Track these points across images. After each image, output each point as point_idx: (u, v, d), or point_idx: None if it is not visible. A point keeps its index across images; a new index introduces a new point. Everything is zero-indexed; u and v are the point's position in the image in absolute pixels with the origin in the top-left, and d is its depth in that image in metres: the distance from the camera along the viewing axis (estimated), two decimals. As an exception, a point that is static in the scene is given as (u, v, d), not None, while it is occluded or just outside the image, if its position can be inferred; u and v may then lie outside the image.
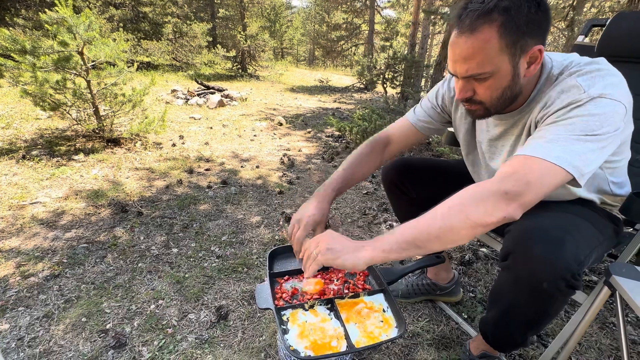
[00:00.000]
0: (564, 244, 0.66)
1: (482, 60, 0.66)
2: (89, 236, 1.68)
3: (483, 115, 0.78)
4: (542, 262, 0.66)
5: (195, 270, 1.48)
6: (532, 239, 0.68)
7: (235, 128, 4.04)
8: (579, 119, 0.62)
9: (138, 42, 8.39)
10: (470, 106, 0.77)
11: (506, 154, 0.85)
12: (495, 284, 0.87)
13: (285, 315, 0.84)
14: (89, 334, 1.13)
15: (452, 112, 0.97)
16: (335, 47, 14.36)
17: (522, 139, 0.80)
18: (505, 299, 0.80)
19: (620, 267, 0.59)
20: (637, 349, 1.20)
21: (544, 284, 0.67)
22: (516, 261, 0.71)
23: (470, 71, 0.68)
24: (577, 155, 0.60)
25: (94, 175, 2.38)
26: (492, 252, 1.73)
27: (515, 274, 0.72)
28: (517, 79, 0.69)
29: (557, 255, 0.65)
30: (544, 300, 0.72)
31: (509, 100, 0.73)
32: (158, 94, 5.57)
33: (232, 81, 8.71)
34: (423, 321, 1.25)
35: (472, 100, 0.75)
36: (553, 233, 0.68)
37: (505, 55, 0.65)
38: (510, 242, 0.73)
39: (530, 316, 0.78)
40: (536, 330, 0.88)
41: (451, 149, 2.98)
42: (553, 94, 0.69)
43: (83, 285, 1.35)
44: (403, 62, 6.52)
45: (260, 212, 2.04)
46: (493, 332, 0.90)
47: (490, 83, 0.69)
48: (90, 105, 2.76)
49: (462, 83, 0.73)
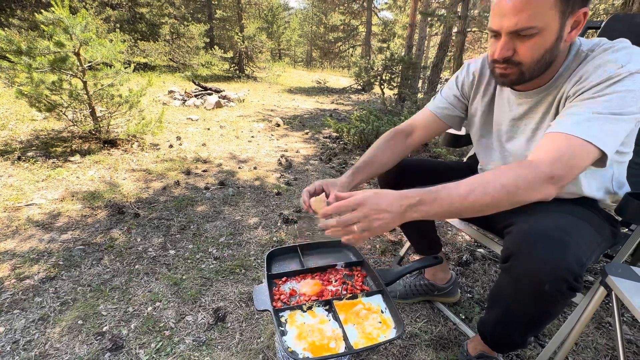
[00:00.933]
0: (566, 246, 0.66)
1: (534, 13, 0.64)
2: (86, 238, 1.67)
3: (515, 81, 0.75)
4: (544, 263, 0.66)
5: (193, 272, 1.48)
6: (534, 241, 0.68)
7: (233, 129, 4.04)
8: (616, 95, 0.63)
9: (135, 43, 8.37)
10: (505, 69, 0.74)
11: (530, 132, 0.83)
12: (495, 285, 0.86)
13: (284, 317, 0.84)
14: (85, 337, 1.12)
15: (471, 97, 0.96)
16: (332, 48, 14.40)
17: (549, 117, 0.78)
18: (506, 300, 0.80)
19: (617, 268, 0.60)
20: (633, 348, 1.21)
21: (546, 285, 0.66)
22: (517, 263, 0.70)
23: (519, 24, 0.65)
24: (612, 135, 0.63)
25: (91, 176, 2.36)
26: (490, 253, 1.74)
27: (517, 275, 0.72)
28: (560, 41, 0.68)
29: (559, 257, 0.65)
30: (545, 302, 0.71)
31: (545, 65, 0.71)
32: (155, 95, 5.56)
33: (230, 82, 8.70)
34: (421, 322, 1.25)
35: (510, 60, 0.71)
36: (554, 234, 0.68)
37: (556, 12, 0.64)
38: (511, 244, 0.72)
39: (531, 318, 0.78)
40: (536, 332, 0.89)
41: (448, 150, 2.99)
42: (589, 69, 0.68)
43: (79, 287, 1.34)
44: (400, 63, 6.55)
45: (258, 213, 2.04)
46: (492, 333, 0.90)
47: (535, 41, 0.67)
48: (86, 106, 2.75)
49: (504, 40, 0.70)
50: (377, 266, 1.59)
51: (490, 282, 1.52)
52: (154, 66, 8.83)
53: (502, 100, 0.89)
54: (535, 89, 0.79)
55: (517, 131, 0.87)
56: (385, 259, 1.64)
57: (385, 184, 1.13)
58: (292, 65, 18.72)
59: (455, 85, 0.98)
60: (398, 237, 1.84)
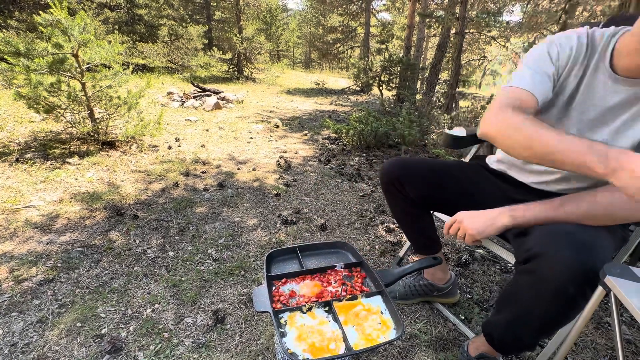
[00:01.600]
0: (593, 249, 0.66)
1: None
2: (84, 240, 1.66)
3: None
4: (572, 265, 0.64)
5: (192, 273, 1.47)
6: (562, 243, 0.67)
7: (232, 130, 4.04)
8: None
9: (133, 44, 8.36)
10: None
11: (621, 123, 0.76)
12: (510, 287, 0.84)
13: (283, 318, 0.84)
14: (84, 339, 1.12)
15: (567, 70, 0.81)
16: (331, 49, 14.42)
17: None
18: (523, 302, 0.78)
19: (615, 268, 0.60)
20: (632, 348, 1.21)
21: (570, 288, 0.65)
22: (542, 265, 0.69)
23: None
24: None
25: (89, 178, 2.35)
26: (489, 254, 1.74)
27: (540, 277, 0.70)
28: None
29: (586, 259, 0.64)
30: (566, 305, 0.70)
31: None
32: (154, 96, 5.55)
33: (228, 83, 8.70)
34: (421, 323, 1.25)
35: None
36: (581, 237, 0.67)
37: None
38: (535, 245, 0.71)
39: (548, 321, 0.76)
40: (548, 335, 0.86)
41: (447, 151, 2.99)
42: None
43: (78, 289, 1.34)
44: (399, 64, 6.57)
45: (257, 214, 2.03)
46: (501, 335, 0.88)
47: None
48: (85, 107, 2.74)
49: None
50: (376, 267, 1.58)
51: (490, 282, 1.52)
52: (152, 67, 8.83)
53: (594, 82, 0.78)
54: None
55: (603, 121, 0.79)
56: (385, 260, 1.64)
57: (387, 183, 1.12)
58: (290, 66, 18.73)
59: (550, 60, 0.81)
60: (397, 238, 1.84)
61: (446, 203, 1.08)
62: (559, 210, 0.76)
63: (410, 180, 1.08)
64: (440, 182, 1.08)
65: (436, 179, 1.08)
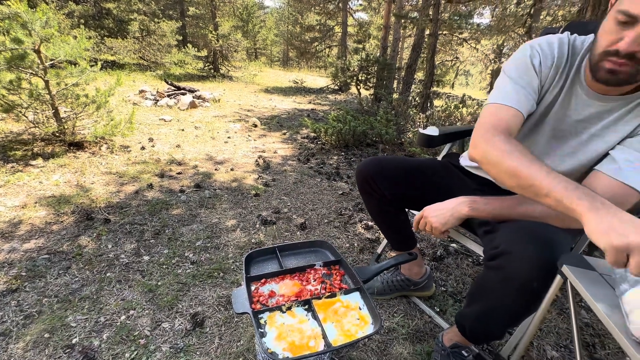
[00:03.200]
0: (554, 244, 0.70)
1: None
2: (51, 246, 1.58)
3: (622, 81, 0.67)
4: (536, 262, 0.69)
5: (169, 277, 1.44)
6: (526, 240, 0.71)
7: (209, 130, 3.95)
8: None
9: (101, 39, 7.98)
10: (620, 66, 0.64)
11: (588, 137, 0.79)
12: (478, 282, 0.89)
13: (263, 319, 0.84)
14: (52, 351, 1.06)
15: (549, 80, 0.80)
16: (309, 48, 14.39)
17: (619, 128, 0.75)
18: (491, 296, 0.82)
19: (571, 258, 0.65)
20: (590, 331, 1.31)
21: (534, 283, 0.70)
22: (509, 262, 0.73)
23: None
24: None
25: (55, 181, 2.23)
26: (462, 247, 1.81)
27: (506, 274, 0.74)
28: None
29: (548, 255, 0.69)
30: (530, 298, 0.74)
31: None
32: (125, 94, 5.33)
33: (204, 82, 8.49)
34: (398, 317, 1.29)
35: (634, 57, 0.61)
36: (543, 234, 0.72)
37: None
38: (502, 242, 0.75)
39: (514, 313, 0.81)
40: (515, 325, 0.92)
41: (422, 150, 3.09)
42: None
43: (45, 299, 1.27)
44: (375, 64, 6.67)
45: (236, 215, 2.01)
46: (472, 327, 0.93)
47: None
48: (49, 106, 2.59)
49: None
50: (356, 264, 1.61)
51: (463, 275, 1.59)
52: (123, 64, 8.45)
53: (571, 95, 0.79)
54: (617, 95, 0.73)
55: (574, 132, 0.81)
56: (364, 257, 1.68)
57: (362, 182, 1.15)
58: (268, 64, 18.53)
59: (533, 70, 0.79)
60: (375, 235, 1.88)
61: (419, 200, 1.12)
62: (516, 209, 0.82)
63: (385, 180, 1.11)
64: (413, 180, 1.12)
65: (409, 178, 1.12)
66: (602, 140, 0.78)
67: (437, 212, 0.91)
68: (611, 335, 1.30)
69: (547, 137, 0.85)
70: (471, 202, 0.87)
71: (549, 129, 0.85)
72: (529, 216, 0.81)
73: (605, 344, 1.25)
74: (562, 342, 1.25)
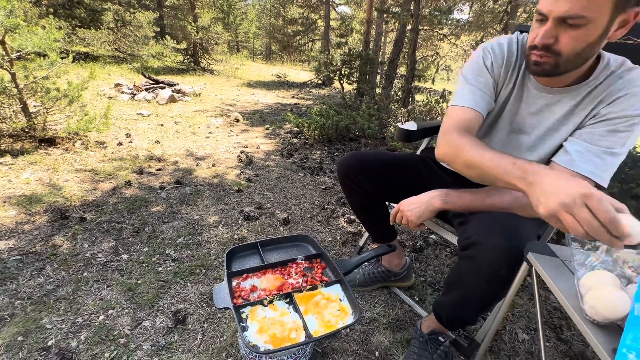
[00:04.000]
0: (518, 233, 0.75)
1: (588, 2, 0.61)
2: (22, 247, 1.52)
3: (548, 72, 0.73)
4: (503, 251, 0.73)
5: (149, 275, 1.42)
6: (495, 230, 0.76)
7: (189, 125, 3.87)
8: (632, 135, 0.71)
9: (73, 30, 7.58)
10: (541, 57, 0.71)
11: (545, 130, 0.84)
12: (454, 272, 0.94)
13: (245, 313, 0.85)
14: (27, 354, 1.03)
15: (502, 78, 0.87)
16: (292, 41, 14.25)
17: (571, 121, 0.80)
18: (464, 285, 0.87)
19: (536, 245, 0.69)
20: (558, 314, 1.39)
21: (502, 270, 0.75)
22: (479, 251, 0.77)
23: (571, 10, 0.62)
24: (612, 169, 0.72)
25: (26, 179, 2.14)
26: (440, 239, 1.87)
27: (478, 263, 0.79)
28: (604, 38, 0.67)
29: (514, 244, 0.73)
30: (500, 285, 0.80)
31: (581, 61, 0.70)
32: (99, 88, 5.11)
33: (184, 75, 8.26)
34: (379, 307, 1.33)
35: (549, 49, 0.69)
36: (510, 223, 0.76)
37: (610, 5, 0.62)
38: (473, 234, 0.80)
39: (486, 299, 0.87)
40: (487, 311, 0.98)
41: (404, 144, 3.14)
42: (626, 93, 0.71)
43: (17, 301, 1.23)
44: (358, 58, 6.68)
45: (218, 211, 1.99)
46: (448, 315, 0.98)
47: (580, 33, 0.65)
48: (16, 101, 2.46)
49: (549, 26, 0.67)
50: (338, 257, 1.64)
51: (442, 265, 1.65)
52: (97, 56, 8.09)
53: (523, 90, 0.85)
54: (560, 87, 0.79)
55: (530, 125, 0.86)
56: (347, 250, 1.71)
57: (344, 176, 1.17)
58: (250, 58, 18.19)
59: (486, 70, 0.86)
60: (357, 228, 1.91)
61: (399, 194, 1.15)
62: (486, 201, 0.86)
63: (365, 174, 1.13)
64: (393, 174, 1.14)
65: (389, 172, 1.15)
66: (558, 134, 0.83)
67: (412, 205, 0.93)
68: (576, 317, 1.39)
69: (507, 131, 0.91)
70: (444, 195, 0.90)
71: (507, 123, 0.91)
72: (497, 207, 0.85)
73: (571, 326, 1.33)
74: (532, 326, 1.32)
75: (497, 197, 0.85)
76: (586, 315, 0.52)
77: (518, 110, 0.88)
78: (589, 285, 0.54)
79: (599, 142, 0.74)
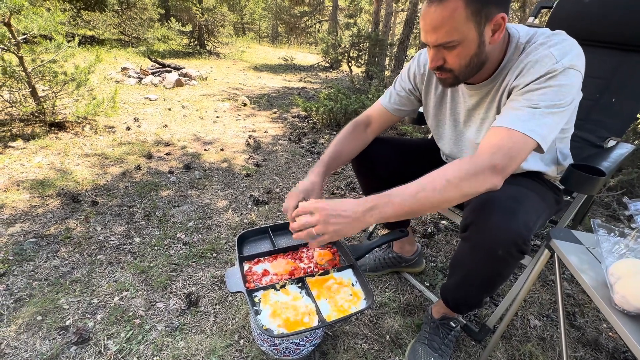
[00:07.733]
0: (516, 214, 0.73)
1: (450, 29, 0.70)
2: (37, 230, 1.54)
3: (453, 83, 0.83)
4: (498, 231, 0.72)
5: (161, 258, 1.43)
6: (489, 211, 0.74)
7: (196, 109, 3.84)
8: (550, 90, 0.69)
9: (78, 12, 7.50)
10: (441, 75, 0.81)
11: (480, 121, 0.90)
12: (455, 254, 0.93)
13: (257, 297, 0.85)
14: (46, 332, 1.06)
15: (423, 89, 1.01)
16: (298, 23, 13.88)
17: (494, 106, 0.85)
18: (465, 266, 0.87)
19: (559, 232, 0.67)
20: (571, 301, 1.38)
21: (499, 250, 0.73)
22: (475, 231, 0.77)
23: (439, 40, 0.72)
24: (547, 127, 0.69)
25: (38, 163, 2.16)
26: (452, 224, 1.85)
27: (474, 243, 0.79)
28: (483, 46, 0.74)
29: (510, 224, 0.72)
30: (498, 265, 0.79)
31: (476, 67, 0.78)
32: (106, 72, 5.09)
33: (190, 59, 8.16)
34: (390, 292, 1.33)
35: (442, 68, 0.79)
36: (506, 204, 0.74)
37: (471, 23, 0.69)
38: (469, 214, 0.78)
39: (486, 280, 0.86)
40: (490, 292, 0.97)
41: (414, 128, 3.07)
42: (527, 63, 0.74)
43: (35, 282, 1.26)
44: (367, 40, 6.49)
45: (227, 196, 1.99)
46: (453, 297, 0.98)
47: (459, 51, 0.73)
48: (25, 84, 2.46)
49: (433, 52, 0.77)
50: (348, 242, 1.63)
51: (452, 251, 1.63)
52: (102, 40, 8.02)
53: (457, 91, 0.94)
54: (482, 82, 0.85)
55: (471, 120, 0.94)
56: (356, 235, 1.70)
57: (357, 162, 1.14)
58: (257, 40, 17.85)
59: (407, 78, 1.03)
60: (367, 213, 1.90)
61: (412, 179, 1.12)
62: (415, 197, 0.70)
63: (380, 160, 1.11)
64: (406, 159, 1.12)
65: (404, 157, 1.12)
66: (488, 120, 0.88)
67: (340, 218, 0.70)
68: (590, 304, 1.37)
69: (451, 126, 0.99)
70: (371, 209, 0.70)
71: (449, 119, 0.99)
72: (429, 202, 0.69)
73: (585, 313, 1.31)
74: (544, 312, 1.31)
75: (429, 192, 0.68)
76: (615, 305, 0.50)
77: (456, 108, 0.96)
78: (618, 274, 0.52)
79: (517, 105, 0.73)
